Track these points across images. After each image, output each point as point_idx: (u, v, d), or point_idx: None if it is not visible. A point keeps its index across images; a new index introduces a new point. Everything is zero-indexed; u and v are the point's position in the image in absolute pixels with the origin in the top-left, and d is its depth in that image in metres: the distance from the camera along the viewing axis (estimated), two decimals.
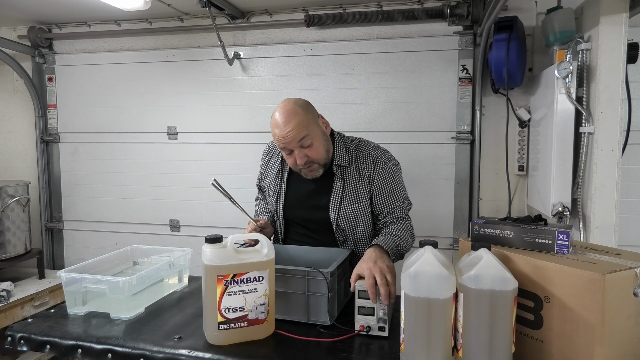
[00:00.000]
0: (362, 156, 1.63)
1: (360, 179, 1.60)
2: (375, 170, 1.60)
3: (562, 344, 0.98)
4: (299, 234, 1.72)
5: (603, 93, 1.82)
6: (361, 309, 1.21)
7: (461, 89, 2.56)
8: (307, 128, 1.49)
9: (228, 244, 1.18)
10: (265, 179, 1.78)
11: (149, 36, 3.02)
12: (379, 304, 1.20)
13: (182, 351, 1.15)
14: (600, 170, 1.84)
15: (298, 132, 1.47)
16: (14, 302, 2.43)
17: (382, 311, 1.20)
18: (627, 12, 1.76)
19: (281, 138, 1.49)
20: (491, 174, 2.60)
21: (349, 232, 1.61)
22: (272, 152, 1.79)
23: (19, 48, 3.08)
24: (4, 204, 2.61)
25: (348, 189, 1.60)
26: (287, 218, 1.70)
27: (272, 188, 1.72)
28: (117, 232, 3.17)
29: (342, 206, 1.59)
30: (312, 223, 1.67)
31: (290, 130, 1.47)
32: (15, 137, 3.35)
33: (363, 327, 1.21)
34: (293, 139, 1.48)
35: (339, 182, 1.60)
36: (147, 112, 3.05)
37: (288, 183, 1.69)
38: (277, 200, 1.70)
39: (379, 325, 1.20)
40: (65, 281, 1.39)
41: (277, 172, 1.71)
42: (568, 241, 1.06)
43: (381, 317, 1.20)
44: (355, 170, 1.61)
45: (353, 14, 2.62)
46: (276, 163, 1.73)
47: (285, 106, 1.52)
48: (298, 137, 1.48)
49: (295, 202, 1.67)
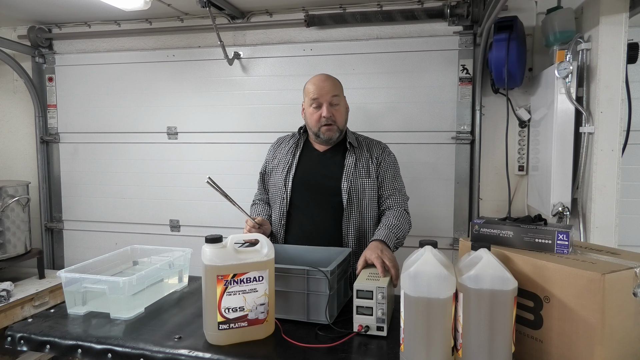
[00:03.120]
0: (373, 143, 1.86)
1: (371, 158, 1.80)
2: (383, 156, 1.81)
3: (562, 344, 0.98)
4: (303, 207, 1.77)
5: (603, 93, 1.82)
6: (360, 308, 1.21)
7: (461, 89, 2.56)
8: (340, 91, 1.78)
9: (228, 244, 1.18)
10: (274, 159, 1.90)
11: (149, 36, 3.02)
12: (377, 304, 1.19)
13: (182, 351, 1.15)
14: (600, 170, 1.84)
15: (333, 88, 1.75)
16: (14, 302, 2.43)
17: (380, 311, 1.20)
18: (627, 12, 1.76)
19: (318, 88, 1.73)
20: (491, 174, 2.60)
21: (356, 202, 1.73)
22: (282, 140, 1.95)
23: (19, 48, 3.08)
24: (4, 204, 2.61)
25: (360, 164, 1.78)
26: (296, 187, 1.79)
27: (283, 163, 1.85)
28: (117, 232, 3.17)
29: (355, 177, 1.75)
30: (322, 191, 1.76)
31: (328, 84, 1.75)
32: (15, 137, 3.35)
33: (362, 327, 1.20)
34: (328, 92, 1.73)
35: (351, 157, 1.78)
36: (147, 112, 3.05)
37: (300, 158, 1.83)
38: (288, 173, 1.80)
39: (377, 325, 1.20)
40: (65, 281, 1.39)
41: (290, 149, 1.86)
42: (568, 241, 1.06)
43: (380, 317, 1.20)
44: (366, 150, 1.82)
45: (353, 14, 2.62)
46: (288, 145, 1.89)
47: (324, 73, 1.81)
48: (332, 92, 1.74)
49: (307, 171, 1.80)
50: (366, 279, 1.27)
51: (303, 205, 1.77)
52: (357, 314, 1.21)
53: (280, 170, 1.83)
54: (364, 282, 1.23)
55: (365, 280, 1.25)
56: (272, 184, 1.86)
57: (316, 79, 1.77)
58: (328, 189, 1.75)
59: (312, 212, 1.75)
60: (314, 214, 1.75)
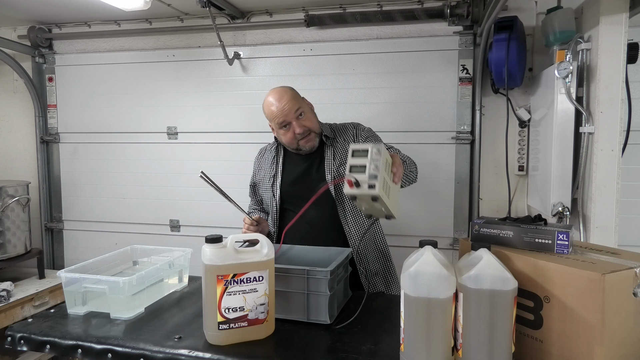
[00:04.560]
0: (344, 128, 1.85)
1: (346, 142, 1.79)
2: (357, 133, 1.82)
3: (562, 344, 0.98)
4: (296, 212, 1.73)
5: (603, 93, 1.82)
6: (353, 167, 1.16)
7: (461, 89, 2.56)
8: (299, 101, 1.73)
9: (228, 244, 1.18)
10: (260, 171, 1.90)
11: (149, 36, 3.02)
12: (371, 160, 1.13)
13: (182, 351, 1.15)
14: (600, 170, 1.84)
15: (293, 104, 1.69)
16: (14, 302, 2.43)
17: (373, 166, 1.13)
18: (627, 12, 1.76)
19: (279, 111, 1.68)
20: (491, 174, 2.60)
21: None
22: (264, 150, 1.94)
23: (19, 48, 3.08)
24: (4, 204, 2.61)
25: (338, 154, 1.77)
26: (284, 197, 1.79)
27: (268, 174, 1.84)
28: (117, 232, 3.17)
29: (336, 167, 1.74)
30: (311, 194, 1.70)
31: (286, 102, 1.68)
32: (15, 137, 3.35)
33: (352, 182, 1.13)
34: (290, 110, 1.68)
35: (329, 150, 1.78)
36: (147, 112, 3.05)
37: (283, 166, 1.83)
38: (274, 182, 1.81)
39: (369, 183, 1.13)
40: (65, 281, 1.39)
41: (272, 159, 1.86)
42: (568, 241, 1.06)
43: (372, 174, 1.12)
44: (340, 137, 1.81)
45: (353, 14, 2.62)
46: (270, 154, 1.88)
47: (275, 89, 1.75)
48: (294, 108, 1.68)
49: (292, 181, 1.80)
50: None
51: (296, 210, 1.73)
52: (350, 172, 1.15)
53: (267, 181, 1.84)
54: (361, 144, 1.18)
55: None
56: (262, 194, 1.87)
57: (272, 100, 1.70)
58: (316, 188, 1.72)
59: (307, 215, 1.72)
60: (310, 216, 1.70)
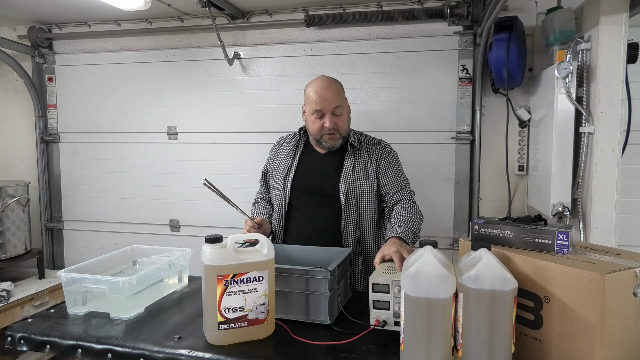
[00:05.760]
0: (372, 142, 1.84)
1: (369, 159, 1.78)
2: (383, 155, 1.79)
3: (562, 344, 0.98)
4: (302, 209, 1.77)
5: (603, 93, 1.82)
6: (376, 302, 1.17)
7: (461, 89, 2.56)
8: (342, 99, 1.73)
9: (228, 244, 1.18)
10: (275, 160, 1.89)
11: (149, 36, 3.02)
12: (394, 298, 1.15)
13: (182, 351, 1.15)
14: (600, 170, 1.84)
15: (336, 99, 1.68)
16: (14, 302, 2.43)
17: (397, 305, 1.15)
18: (627, 12, 1.76)
19: (321, 99, 1.66)
20: (491, 174, 2.60)
21: (354, 204, 1.73)
22: (284, 140, 1.94)
23: (19, 48, 3.08)
24: (4, 204, 2.61)
25: (358, 166, 1.76)
26: (295, 190, 1.78)
27: (283, 163, 1.84)
28: (117, 232, 3.17)
29: (352, 180, 1.73)
30: (320, 195, 1.75)
31: (330, 94, 1.67)
32: (15, 137, 3.35)
33: (379, 322, 1.17)
34: (331, 102, 1.67)
35: (350, 159, 1.77)
36: (147, 112, 3.05)
37: (300, 160, 1.82)
38: (287, 173, 1.80)
39: (394, 320, 1.16)
40: (65, 281, 1.39)
41: (291, 150, 1.85)
42: (568, 241, 1.06)
43: (397, 312, 1.15)
44: (365, 152, 1.79)
45: (353, 14, 2.62)
46: (290, 145, 1.88)
47: (325, 77, 1.74)
48: (335, 102, 1.68)
49: (306, 174, 1.79)
50: (383, 272, 1.22)
51: (302, 207, 1.77)
52: (374, 308, 1.17)
53: (280, 172, 1.82)
54: (380, 276, 1.18)
55: (381, 274, 1.20)
56: (272, 185, 1.86)
57: (318, 86, 1.69)
58: (326, 192, 1.74)
59: (310, 214, 1.75)
60: (313, 215, 1.75)
